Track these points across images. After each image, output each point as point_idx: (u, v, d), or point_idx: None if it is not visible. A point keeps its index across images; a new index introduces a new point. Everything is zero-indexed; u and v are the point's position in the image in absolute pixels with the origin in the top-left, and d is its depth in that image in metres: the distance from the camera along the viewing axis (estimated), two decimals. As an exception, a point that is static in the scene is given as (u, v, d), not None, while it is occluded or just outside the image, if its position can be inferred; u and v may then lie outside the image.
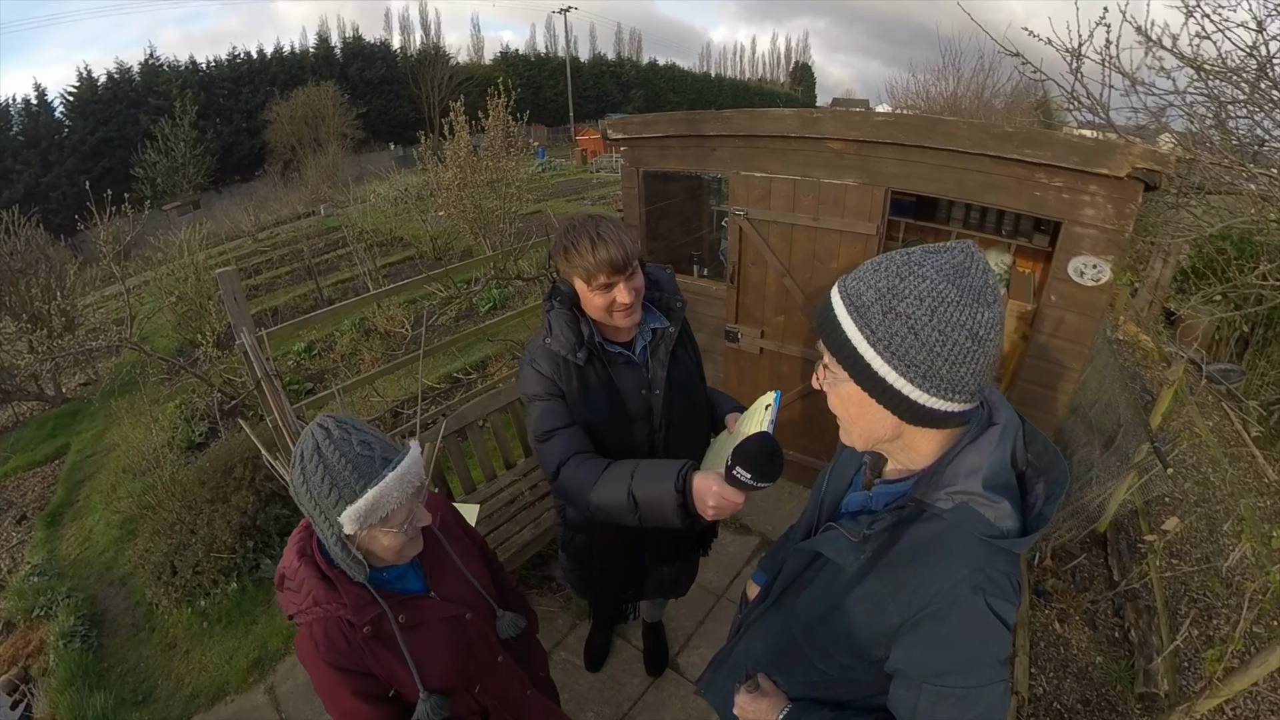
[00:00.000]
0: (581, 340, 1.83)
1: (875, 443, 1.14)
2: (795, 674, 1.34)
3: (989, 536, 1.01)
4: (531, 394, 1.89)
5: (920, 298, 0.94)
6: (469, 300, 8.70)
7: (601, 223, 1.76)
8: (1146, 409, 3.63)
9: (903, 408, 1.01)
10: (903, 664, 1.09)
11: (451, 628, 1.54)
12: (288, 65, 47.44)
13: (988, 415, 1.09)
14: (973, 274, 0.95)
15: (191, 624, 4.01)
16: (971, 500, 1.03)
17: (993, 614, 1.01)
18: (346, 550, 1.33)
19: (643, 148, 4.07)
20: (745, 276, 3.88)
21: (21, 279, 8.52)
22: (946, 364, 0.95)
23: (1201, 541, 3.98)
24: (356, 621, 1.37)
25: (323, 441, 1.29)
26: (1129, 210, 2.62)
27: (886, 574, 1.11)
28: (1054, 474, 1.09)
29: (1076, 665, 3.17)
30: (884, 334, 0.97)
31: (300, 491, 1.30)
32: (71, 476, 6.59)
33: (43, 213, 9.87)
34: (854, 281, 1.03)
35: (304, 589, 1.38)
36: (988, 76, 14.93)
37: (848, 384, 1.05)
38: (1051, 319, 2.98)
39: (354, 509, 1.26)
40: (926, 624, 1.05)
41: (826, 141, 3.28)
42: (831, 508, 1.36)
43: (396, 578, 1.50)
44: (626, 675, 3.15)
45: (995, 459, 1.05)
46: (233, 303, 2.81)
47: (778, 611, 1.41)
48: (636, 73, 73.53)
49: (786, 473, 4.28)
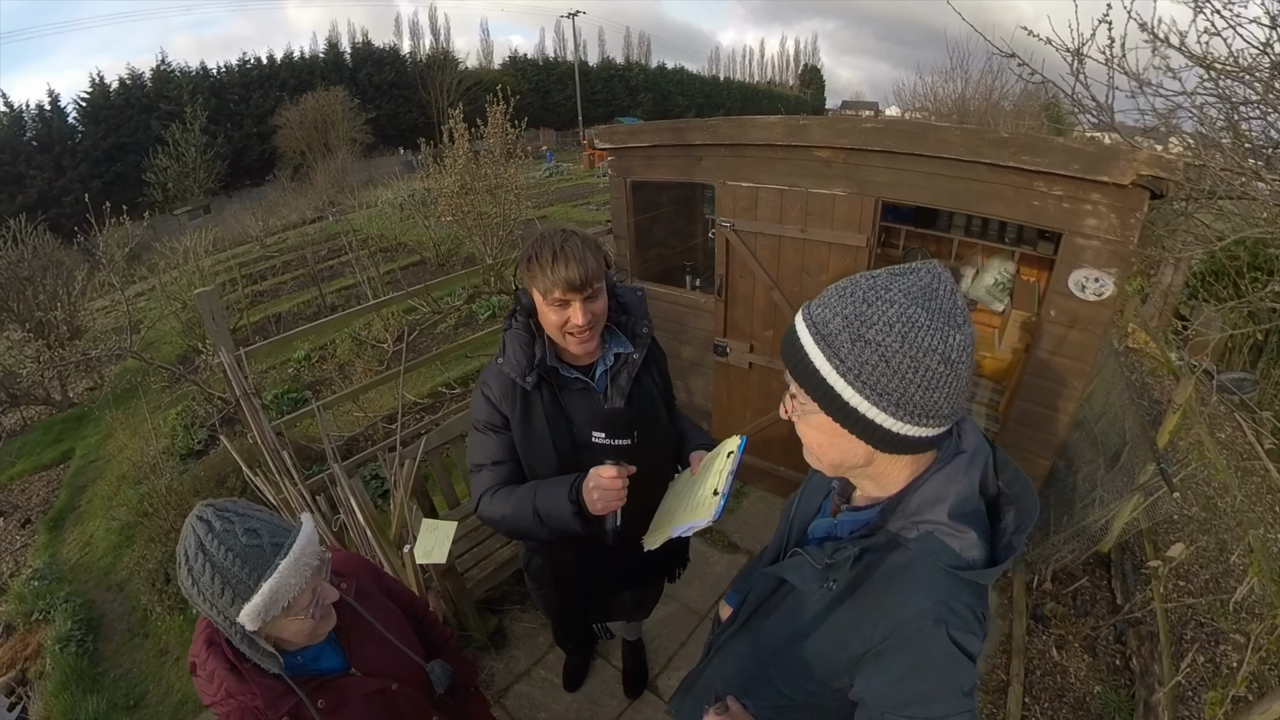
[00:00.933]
0: (532, 363, 1.77)
1: (845, 470, 1.12)
2: (763, 698, 1.33)
3: (953, 568, 1.00)
4: (473, 419, 1.88)
5: (890, 324, 0.91)
6: (466, 309, 8.72)
7: (570, 238, 1.67)
8: (1155, 423, 3.52)
9: (875, 436, 0.99)
10: (865, 694, 1.08)
11: (376, 704, 1.47)
12: (298, 70, 47.76)
13: (957, 442, 1.07)
14: (941, 296, 0.93)
15: (183, 631, 4.04)
16: (937, 530, 1.02)
17: (955, 646, 0.99)
18: (254, 646, 1.26)
19: (630, 157, 4.03)
20: (733, 289, 3.82)
21: (28, 287, 8.61)
22: (920, 390, 0.93)
23: (1210, 563, 3.86)
24: (272, 715, 1.30)
25: (205, 537, 1.19)
26: (1133, 220, 2.51)
27: (850, 603, 1.10)
28: (1024, 503, 1.07)
29: (1074, 695, 3.07)
30: (854, 363, 0.94)
31: (192, 594, 1.21)
32: (75, 481, 6.69)
33: (56, 217, 9.99)
34: (819, 309, 1.00)
35: (215, 679, 1.30)
36: (996, 78, 14.74)
37: (817, 414, 1.02)
38: (1051, 335, 2.89)
39: (251, 606, 1.19)
40: (888, 655, 1.03)
41: (814, 150, 3.20)
42: (800, 532, 1.34)
43: (312, 659, 1.43)
44: (605, 696, 3.11)
45: (962, 488, 1.03)
46: (211, 323, 2.82)
47: (745, 635, 1.40)
48: (645, 76, 73.61)
49: (775, 487, 4.25)
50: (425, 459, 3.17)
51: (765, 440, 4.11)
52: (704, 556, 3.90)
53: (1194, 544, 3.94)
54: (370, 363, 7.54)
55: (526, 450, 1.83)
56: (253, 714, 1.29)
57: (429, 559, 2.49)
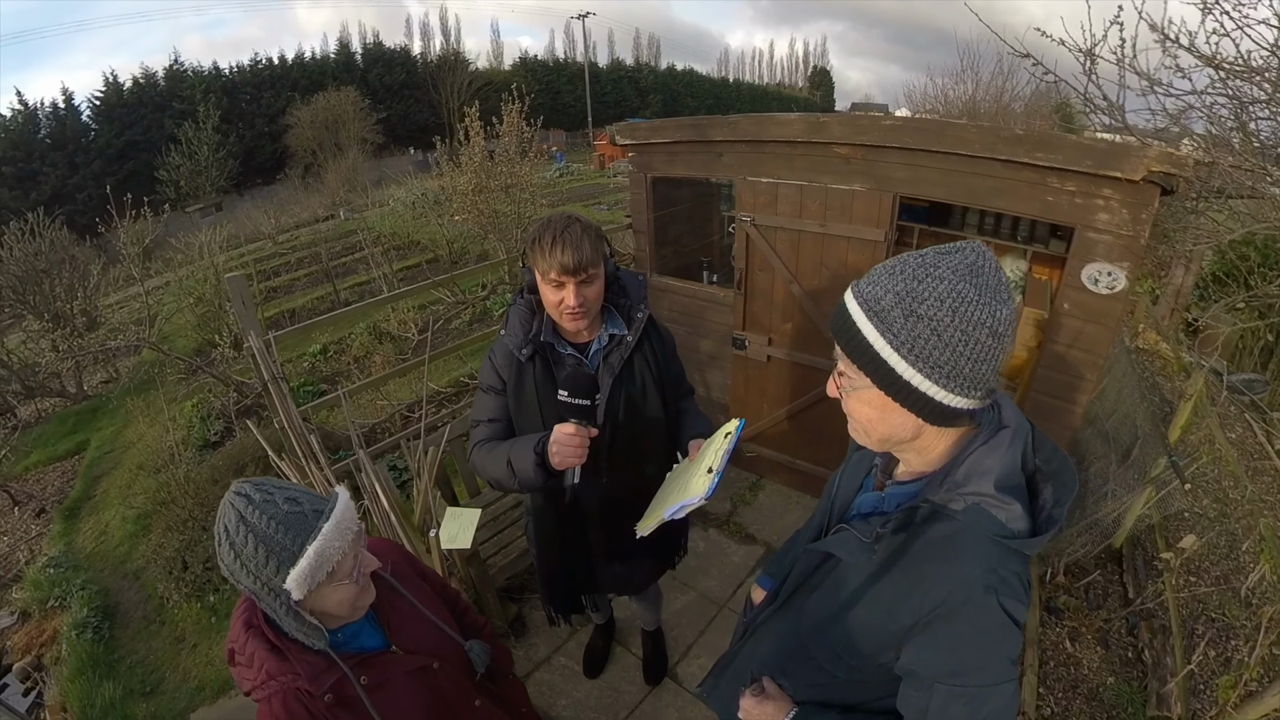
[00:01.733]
0: (528, 336, 1.94)
1: (893, 445, 1.15)
2: (802, 677, 1.35)
3: (1000, 537, 1.02)
4: (480, 381, 2.10)
5: (941, 299, 0.95)
6: (482, 305, 8.75)
7: (572, 224, 1.80)
8: (1165, 420, 3.54)
9: (927, 409, 1.02)
10: (914, 665, 1.10)
11: (419, 681, 1.46)
12: (309, 70, 47.95)
13: (998, 417, 1.10)
14: (987, 273, 0.97)
15: (200, 619, 4.07)
16: (983, 501, 1.04)
17: (1005, 613, 1.02)
18: (299, 619, 1.25)
19: (650, 153, 4.07)
20: (752, 283, 3.86)
21: (46, 279, 8.68)
22: (969, 362, 0.96)
23: (1221, 559, 3.88)
24: (315, 691, 1.28)
25: (245, 509, 1.19)
26: (1145, 215, 2.55)
27: (898, 575, 1.11)
28: (1063, 477, 1.09)
29: (1087, 686, 3.10)
30: (907, 337, 0.97)
31: (234, 569, 1.20)
32: (90, 472, 6.72)
33: (69, 214, 10.06)
34: (869, 286, 1.03)
35: (255, 662, 1.29)
36: (1006, 80, 14.70)
37: (869, 390, 1.05)
38: (1065, 328, 2.92)
39: (298, 571, 1.19)
40: (938, 624, 1.05)
41: (833, 146, 3.24)
42: (842, 510, 1.37)
43: (351, 637, 1.41)
44: (625, 683, 3.14)
45: (1007, 461, 1.06)
46: (241, 307, 2.85)
47: (786, 614, 1.41)
48: (655, 78, 73.62)
49: (791, 481, 4.27)
50: (448, 448, 3.20)
51: (781, 433, 4.14)
52: (721, 547, 3.94)
53: (1205, 536, 3.96)
54: (388, 354, 7.59)
55: (517, 413, 2.01)
56: (294, 695, 1.28)
57: (454, 544, 2.53)
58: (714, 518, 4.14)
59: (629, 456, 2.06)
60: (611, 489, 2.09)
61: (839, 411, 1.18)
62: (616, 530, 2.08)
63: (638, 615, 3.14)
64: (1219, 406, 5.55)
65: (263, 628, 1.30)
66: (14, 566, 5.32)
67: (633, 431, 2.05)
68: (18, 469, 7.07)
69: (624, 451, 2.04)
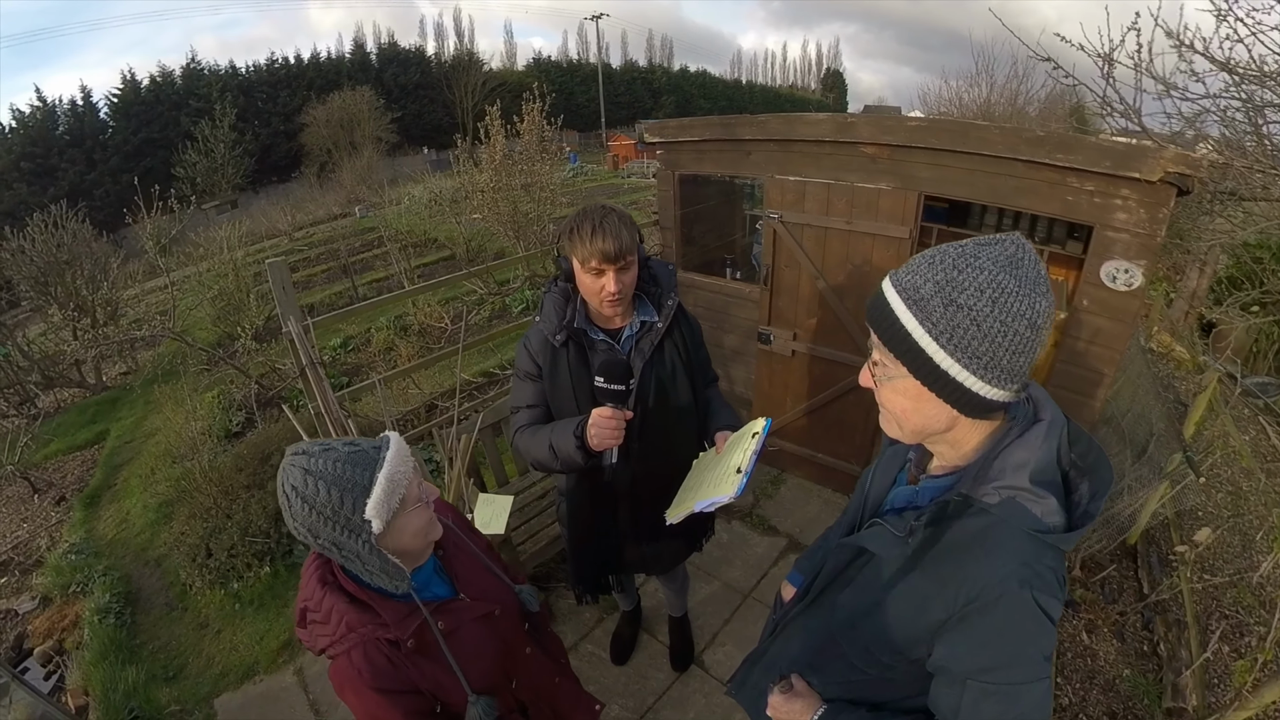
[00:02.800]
0: (562, 323, 2.01)
1: (926, 436, 1.13)
2: (832, 674, 1.34)
3: (1036, 531, 1.01)
4: (516, 368, 2.16)
5: (981, 289, 0.95)
6: (502, 300, 8.79)
7: (609, 214, 1.87)
8: (1179, 419, 3.56)
9: (963, 399, 1.01)
10: (946, 660, 1.08)
11: (485, 626, 1.52)
12: (324, 70, 48.29)
13: (1033, 411, 1.09)
14: (1027, 265, 0.96)
15: (224, 605, 4.09)
16: (1018, 495, 1.02)
17: (1039, 609, 1.00)
18: (383, 558, 1.28)
19: (679, 151, 4.12)
20: (779, 279, 3.89)
21: (68, 270, 8.78)
22: (1008, 354, 0.96)
23: (1234, 556, 3.90)
24: (400, 636, 1.33)
25: (309, 464, 1.23)
26: (1161, 215, 2.60)
27: (932, 569, 1.10)
28: (1099, 473, 1.08)
29: (1104, 677, 3.12)
30: (946, 326, 0.97)
31: (310, 520, 1.22)
32: (110, 461, 6.76)
33: (87, 209, 10.15)
34: (908, 275, 1.02)
35: (334, 618, 1.32)
36: (1021, 83, 14.75)
37: (904, 379, 1.05)
38: (1083, 324, 2.96)
39: (374, 499, 1.23)
40: (972, 619, 1.04)
41: (860, 146, 3.29)
42: (875, 505, 1.35)
43: (424, 585, 1.46)
44: (651, 670, 3.17)
45: (1042, 454, 1.04)
46: (281, 292, 2.89)
47: (817, 610, 1.41)
48: (668, 79, 73.79)
49: (813, 474, 4.29)
50: (479, 436, 3.23)
51: (803, 427, 4.17)
52: (744, 538, 3.98)
53: (1219, 530, 3.98)
54: (413, 348, 7.64)
55: (553, 397, 2.08)
56: (375, 645, 1.32)
57: (488, 529, 2.57)
58: (737, 510, 4.17)
59: (659, 439, 2.13)
60: (641, 471, 2.16)
61: (861, 406, 1.20)
62: (645, 511, 2.21)
63: (665, 602, 3.18)
64: (1233, 409, 5.54)
65: (341, 581, 1.34)
66: (35, 553, 5.34)
67: (663, 415, 2.11)
68: (37, 457, 7.11)
69: (654, 434, 2.10)
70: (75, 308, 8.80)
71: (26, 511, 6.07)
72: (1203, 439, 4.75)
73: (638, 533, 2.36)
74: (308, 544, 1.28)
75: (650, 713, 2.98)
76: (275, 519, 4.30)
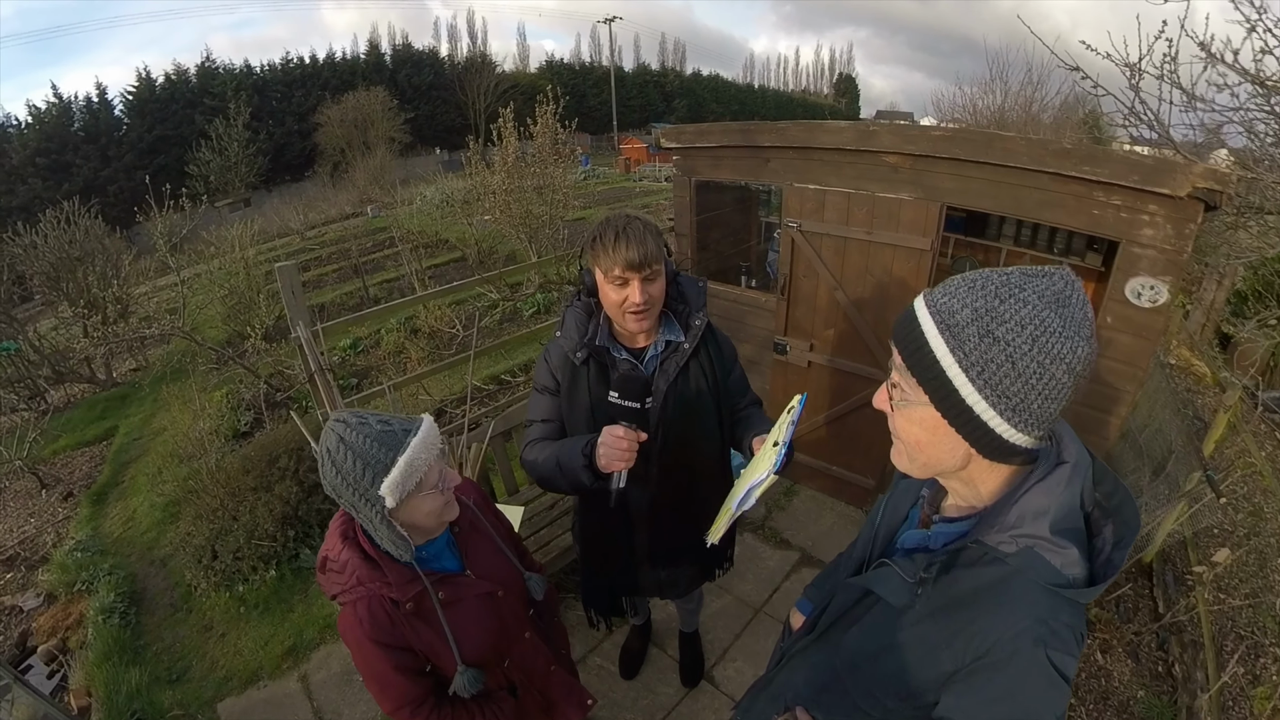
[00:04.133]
0: (583, 340, 1.94)
1: (936, 472, 1.07)
2: (836, 711, 1.28)
3: (1054, 585, 0.95)
4: (534, 381, 2.10)
5: (1022, 324, 0.87)
6: (514, 305, 8.77)
7: (633, 222, 1.81)
8: (1198, 436, 3.50)
9: (983, 440, 0.95)
10: (952, 713, 1.03)
11: (485, 604, 1.63)
12: (339, 70, 48.68)
13: (1057, 451, 1.01)
14: (1074, 304, 0.88)
15: (229, 608, 4.06)
16: (1037, 545, 0.96)
17: (1054, 669, 0.94)
18: (392, 528, 1.41)
19: (695, 157, 4.07)
20: (796, 289, 3.84)
21: (80, 266, 8.80)
22: (1039, 398, 0.89)
23: (1251, 576, 3.84)
24: (400, 598, 1.46)
25: (344, 433, 1.37)
26: (1189, 231, 2.55)
27: (942, 618, 1.05)
28: (1124, 515, 1.01)
29: (1118, 698, 3.07)
30: (978, 359, 0.90)
31: (336, 483, 1.37)
32: (119, 458, 6.76)
33: (100, 205, 10.20)
34: (945, 298, 0.95)
35: (347, 570, 1.47)
36: (1036, 90, 14.69)
37: (924, 408, 0.98)
38: (1106, 341, 2.89)
39: (390, 479, 1.34)
40: (982, 674, 0.98)
41: (882, 155, 3.24)
42: (886, 541, 1.30)
43: (434, 557, 1.59)
44: (661, 684, 3.13)
45: (1064, 501, 0.97)
46: (290, 296, 2.85)
47: (822, 646, 1.35)
48: (680, 83, 73.98)
49: (826, 487, 4.24)
50: (489, 445, 3.19)
51: (817, 440, 4.12)
52: (756, 552, 3.94)
53: (1237, 550, 3.91)
54: (423, 351, 7.63)
55: (569, 415, 2.01)
56: (379, 601, 1.47)
57: (496, 538, 2.51)
58: (749, 523, 4.12)
59: (679, 463, 2.05)
60: (660, 494, 2.09)
61: (877, 420, 1.12)
62: (662, 535, 2.18)
63: (676, 617, 3.14)
64: (1253, 426, 5.46)
65: (359, 539, 1.49)
66: (41, 549, 5.33)
67: (684, 439, 2.03)
68: (46, 452, 7.10)
69: (674, 458, 2.03)
70: (86, 304, 8.82)
71: (33, 506, 6.05)
72: (1222, 457, 4.69)
73: (653, 557, 2.30)
74: (335, 499, 1.42)
75: (659, 727, 2.94)
76: (282, 523, 4.28)
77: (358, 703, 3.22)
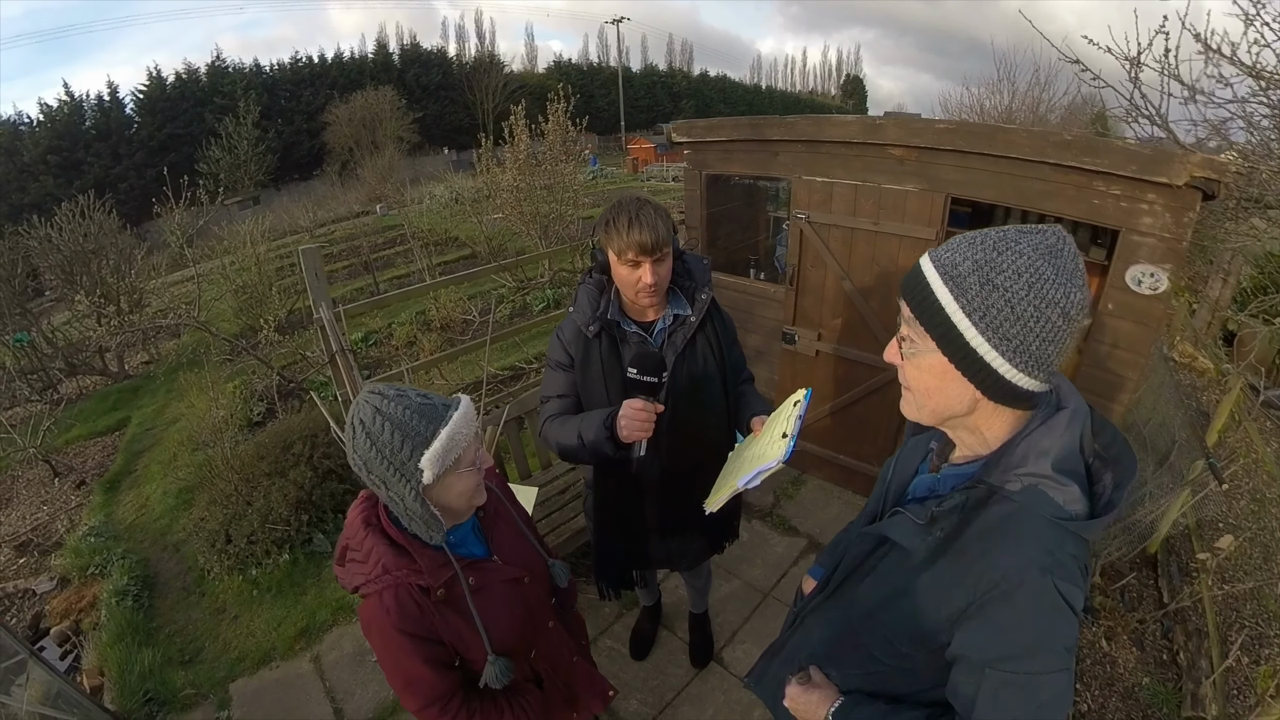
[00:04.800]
0: (596, 314, 2.02)
1: (946, 419, 1.13)
2: (851, 665, 1.33)
3: (1058, 518, 1.01)
4: (548, 358, 2.19)
5: (1019, 272, 0.94)
6: (523, 299, 8.82)
7: (645, 206, 1.89)
8: (1202, 427, 3.53)
9: (988, 382, 1.01)
10: (965, 648, 1.07)
11: (512, 590, 1.58)
12: (347, 70, 48.84)
13: (1056, 399, 1.09)
14: (1066, 255, 0.96)
15: (242, 591, 4.10)
16: (1041, 483, 1.02)
17: (1060, 597, 0.99)
18: (425, 507, 1.34)
19: (706, 151, 4.14)
20: (805, 279, 3.89)
21: (94, 259, 8.89)
22: (1038, 340, 0.96)
23: (1255, 566, 3.87)
24: (431, 584, 1.40)
25: (381, 404, 1.31)
26: (1187, 219, 2.60)
27: (953, 557, 1.09)
28: (1123, 463, 1.08)
29: (1123, 685, 3.10)
30: (980, 305, 0.97)
31: (369, 456, 1.30)
32: (131, 447, 6.82)
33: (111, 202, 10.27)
34: (948, 253, 1.02)
35: (372, 558, 1.40)
36: (1043, 90, 14.62)
37: (932, 355, 1.04)
38: (1108, 328, 2.95)
39: (431, 452, 1.29)
40: (992, 606, 1.03)
41: (888, 148, 3.30)
42: (897, 494, 1.35)
43: (460, 542, 1.54)
44: (671, 666, 3.17)
45: (1065, 442, 1.04)
46: (314, 278, 2.91)
47: (837, 601, 1.39)
48: (688, 83, 74.04)
49: (834, 476, 4.28)
50: (503, 430, 3.24)
51: (825, 429, 4.16)
52: (764, 538, 3.98)
53: (1240, 538, 3.95)
54: (435, 342, 7.69)
55: (584, 388, 2.10)
56: (407, 589, 1.39)
57: (509, 520, 2.56)
58: (757, 509, 4.17)
59: (688, 434, 2.11)
60: (670, 465, 2.15)
61: (884, 408, 1.19)
62: (672, 506, 2.24)
63: (687, 598, 3.18)
64: (1255, 421, 5.48)
65: (384, 524, 1.43)
66: (54, 535, 5.38)
67: (693, 409, 2.10)
68: (59, 442, 7.16)
69: (684, 429, 2.09)
70: (101, 295, 8.90)
71: (47, 494, 6.11)
72: (1225, 446, 4.73)
73: (664, 528, 2.36)
74: (359, 476, 1.35)
75: (669, 709, 2.98)
76: (296, 507, 4.32)
77: (369, 683, 3.26)
